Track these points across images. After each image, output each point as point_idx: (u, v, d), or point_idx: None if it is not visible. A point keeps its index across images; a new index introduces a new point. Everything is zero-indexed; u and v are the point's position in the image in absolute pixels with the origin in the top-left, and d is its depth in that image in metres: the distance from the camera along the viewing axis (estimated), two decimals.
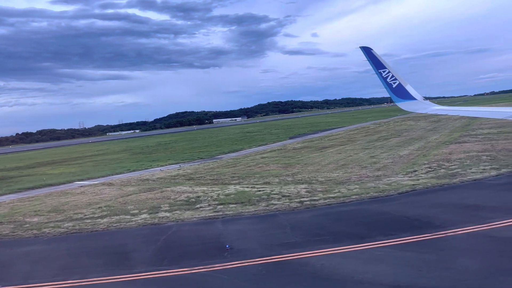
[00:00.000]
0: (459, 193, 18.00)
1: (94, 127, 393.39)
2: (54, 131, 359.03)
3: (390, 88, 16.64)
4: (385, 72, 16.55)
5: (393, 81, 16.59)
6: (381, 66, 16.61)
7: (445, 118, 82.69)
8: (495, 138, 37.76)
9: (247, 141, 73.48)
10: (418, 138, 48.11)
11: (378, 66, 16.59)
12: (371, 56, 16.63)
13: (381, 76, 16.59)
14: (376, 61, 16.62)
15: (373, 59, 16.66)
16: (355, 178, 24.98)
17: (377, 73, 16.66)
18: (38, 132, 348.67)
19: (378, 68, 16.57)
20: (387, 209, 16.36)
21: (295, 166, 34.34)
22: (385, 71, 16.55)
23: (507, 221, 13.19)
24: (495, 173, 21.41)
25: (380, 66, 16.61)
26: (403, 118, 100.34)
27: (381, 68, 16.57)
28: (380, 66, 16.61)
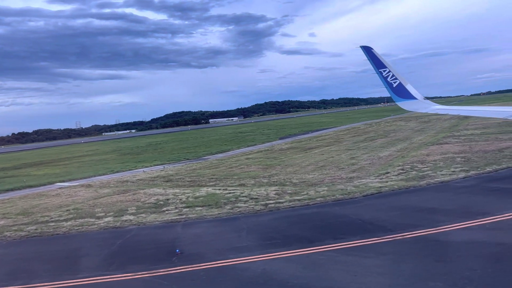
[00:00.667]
0: (421, 196, 18.02)
1: (91, 127, 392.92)
2: (50, 131, 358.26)
3: (391, 87, 16.63)
4: (386, 72, 16.52)
5: (393, 81, 16.57)
6: (381, 66, 16.58)
7: (435, 119, 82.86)
8: (476, 139, 37.85)
9: (237, 142, 73.46)
10: (403, 139, 48.19)
11: (379, 66, 16.56)
12: (371, 56, 16.60)
13: (382, 76, 16.58)
14: (376, 61, 16.59)
15: (373, 58, 16.64)
16: (328, 180, 24.99)
17: (378, 73, 16.64)
18: (34, 132, 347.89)
19: (378, 68, 16.55)
20: (346, 212, 16.37)
21: (275, 167, 34.34)
22: (386, 70, 16.52)
23: (456, 225, 13.21)
24: (463, 175, 21.45)
25: (380, 65, 16.58)
26: (395, 118, 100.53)
27: (382, 68, 16.54)
28: (380, 65, 16.58)
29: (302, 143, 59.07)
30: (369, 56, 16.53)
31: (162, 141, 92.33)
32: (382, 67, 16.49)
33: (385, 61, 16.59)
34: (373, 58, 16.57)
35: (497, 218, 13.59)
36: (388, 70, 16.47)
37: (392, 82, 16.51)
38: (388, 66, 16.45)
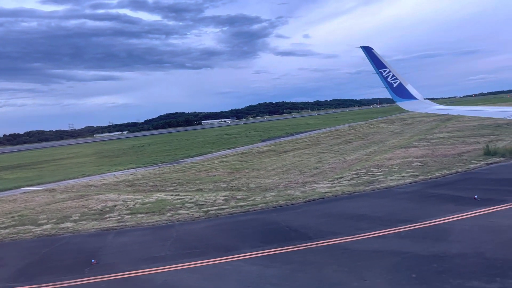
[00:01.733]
0: (358, 202, 18.02)
1: (84, 128, 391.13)
2: (42, 132, 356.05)
3: (391, 87, 16.55)
4: (386, 72, 16.42)
5: (393, 81, 16.48)
6: (381, 66, 16.48)
7: (418, 121, 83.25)
8: (444, 143, 38.03)
9: (219, 144, 73.33)
10: (377, 141, 48.31)
11: (379, 66, 16.46)
12: (371, 56, 16.51)
13: (382, 76, 16.49)
14: (376, 61, 16.48)
15: (373, 58, 16.54)
16: (284, 184, 24.96)
17: (378, 73, 16.55)
18: (26, 134, 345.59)
19: (378, 68, 16.46)
20: (280, 218, 16.34)
21: (242, 171, 34.28)
22: (386, 70, 16.43)
23: (374, 233, 13.21)
24: (410, 181, 21.50)
25: (380, 65, 16.49)
26: (380, 120, 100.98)
27: (382, 68, 16.44)
28: (380, 65, 16.49)
29: (280, 146, 59.08)
30: (369, 56, 16.48)
31: (146, 143, 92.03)
32: (382, 67, 16.43)
33: (385, 61, 16.54)
34: (373, 58, 16.51)
35: (416, 225, 13.62)
36: (388, 70, 16.41)
37: (392, 82, 16.48)
38: (388, 66, 16.40)
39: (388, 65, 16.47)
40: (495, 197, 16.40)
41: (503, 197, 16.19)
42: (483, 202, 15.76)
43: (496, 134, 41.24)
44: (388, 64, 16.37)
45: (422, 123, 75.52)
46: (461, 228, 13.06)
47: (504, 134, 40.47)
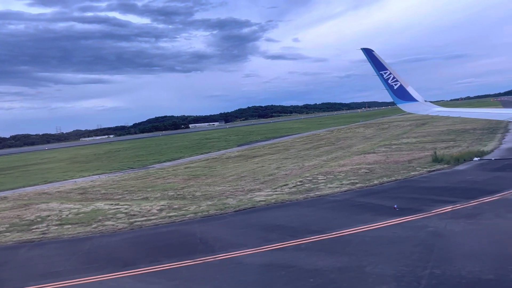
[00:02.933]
0: (285, 211, 17.88)
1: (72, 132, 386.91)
2: (28, 136, 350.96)
3: (391, 89, 16.39)
4: (386, 74, 16.26)
5: (394, 83, 16.31)
6: (382, 68, 16.33)
7: (395, 125, 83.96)
8: (403, 149, 38.24)
9: (195, 149, 72.94)
10: (345, 147, 48.42)
11: (379, 68, 16.30)
12: (372, 58, 16.35)
13: (382, 78, 16.32)
14: (377, 63, 16.33)
15: (374, 60, 16.38)
16: (229, 192, 24.77)
17: (378, 75, 16.38)
18: (11, 137, 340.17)
19: (379, 70, 16.31)
20: (198, 230, 16.12)
21: (199, 178, 34.02)
22: (386, 72, 16.28)
23: (278, 245, 13.06)
24: (346, 189, 21.47)
25: (381, 67, 16.34)
26: (360, 124, 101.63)
27: (382, 70, 16.28)
28: (381, 67, 16.34)
29: (252, 151, 58.94)
30: (370, 58, 16.33)
31: (124, 148, 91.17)
32: (383, 69, 16.29)
33: (386, 63, 16.40)
34: (374, 60, 16.37)
35: (323, 237, 13.51)
36: (389, 72, 16.26)
37: (393, 84, 16.33)
38: (389, 68, 16.27)
39: (389, 67, 16.43)
40: (414, 206, 16.41)
41: (422, 207, 16.21)
42: (400, 212, 15.76)
43: (458, 140, 41.63)
44: (388, 66, 16.30)
45: (397, 127, 76.08)
46: (362, 239, 12.99)
47: (464, 140, 40.87)
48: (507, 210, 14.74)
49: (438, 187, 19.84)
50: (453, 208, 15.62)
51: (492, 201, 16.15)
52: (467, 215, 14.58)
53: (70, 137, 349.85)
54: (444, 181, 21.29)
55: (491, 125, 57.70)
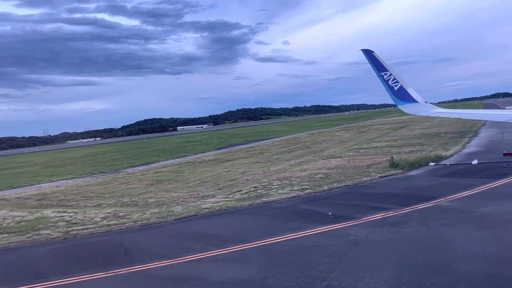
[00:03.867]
0: (222, 219, 17.69)
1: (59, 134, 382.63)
2: (14, 139, 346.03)
3: (392, 90, 16.23)
4: (387, 75, 16.10)
5: (394, 84, 16.16)
6: (382, 69, 16.12)
7: (374, 128, 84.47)
8: (370, 153, 38.38)
9: (173, 152, 72.47)
10: (317, 151, 48.48)
11: (380, 69, 16.11)
12: (372, 59, 16.12)
13: (383, 79, 16.15)
14: (377, 64, 16.11)
15: (374, 61, 16.15)
16: (182, 199, 24.49)
17: (379, 76, 16.20)
18: None
19: (379, 71, 16.12)
20: (129, 240, 15.81)
21: (162, 184, 33.67)
22: (387, 73, 16.08)
23: (196, 256, 12.85)
24: (294, 195, 21.39)
25: (381, 68, 16.13)
26: (341, 128, 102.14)
27: (383, 71, 16.09)
28: (381, 68, 16.13)
29: (228, 154, 58.73)
30: (370, 59, 16.10)
31: (103, 152, 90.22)
32: (383, 70, 16.08)
33: (387, 65, 16.11)
34: (374, 61, 16.14)
35: (244, 246, 13.33)
36: (389, 73, 16.06)
37: (393, 85, 16.16)
38: (389, 69, 16.03)
39: (389, 68, 16.26)
40: (348, 213, 16.37)
41: (356, 214, 16.18)
42: (333, 219, 15.69)
43: (425, 144, 41.93)
44: (389, 67, 16.20)
45: (376, 131, 76.51)
46: (281, 249, 12.86)
47: (431, 144, 41.16)
48: (434, 218, 14.76)
49: (382, 193, 19.85)
50: (384, 215, 15.61)
51: (424, 208, 16.18)
52: (393, 223, 14.57)
53: (57, 139, 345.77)
54: (390, 187, 21.33)
55: (464, 129, 58.38)
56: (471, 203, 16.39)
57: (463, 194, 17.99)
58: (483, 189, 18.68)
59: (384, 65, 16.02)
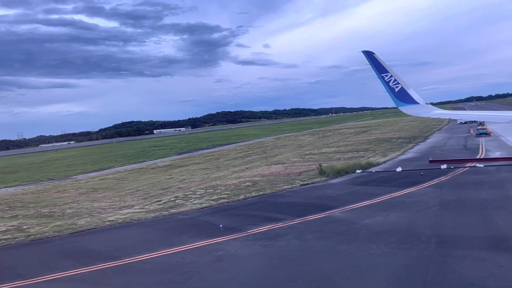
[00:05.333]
0: (118, 233, 17.12)
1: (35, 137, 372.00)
2: None
3: (393, 92, 16.15)
4: (388, 76, 16.03)
5: (395, 85, 16.09)
6: (383, 70, 16.06)
7: (338, 133, 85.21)
8: (313, 159, 38.41)
9: (134, 157, 71.15)
10: (270, 156, 48.34)
11: (380, 70, 16.06)
12: (373, 60, 16.10)
13: (383, 80, 16.10)
14: (378, 65, 16.06)
15: (375, 63, 16.12)
16: (99, 210, 23.65)
17: (380, 77, 16.16)
18: None
19: (380, 72, 16.07)
20: (2, 258, 15.15)
21: (97, 192, 32.79)
22: (388, 75, 16.03)
23: (55, 275, 12.30)
24: (206, 205, 21.01)
25: (382, 70, 16.06)
26: (308, 132, 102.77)
27: (384, 72, 16.05)
28: (382, 70, 16.06)
29: (184, 160, 58.03)
30: (371, 60, 16.14)
31: (64, 157, 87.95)
32: (384, 71, 16.08)
33: (387, 66, 16.18)
34: (375, 62, 16.14)
35: (111, 264, 12.87)
36: (390, 75, 16.06)
37: (394, 87, 16.13)
38: (390, 71, 16.06)
39: (390, 70, 16.10)
40: (239, 225, 16.10)
41: (246, 226, 15.93)
42: (220, 232, 15.38)
43: (371, 149, 42.35)
44: (390, 68, 16.12)
45: (337, 135, 77.15)
46: (143, 267, 12.43)
47: (376, 149, 41.56)
48: (314, 230, 14.65)
49: (288, 203, 19.72)
50: (271, 227, 15.42)
51: (313, 220, 16.08)
52: (273, 236, 14.37)
53: (32, 143, 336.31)
54: (302, 196, 21.23)
55: (419, 133, 59.41)
56: (361, 214, 16.40)
57: (362, 204, 18.02)
58: (385, 198, 18.77)
59: (385, 66, 16.21)
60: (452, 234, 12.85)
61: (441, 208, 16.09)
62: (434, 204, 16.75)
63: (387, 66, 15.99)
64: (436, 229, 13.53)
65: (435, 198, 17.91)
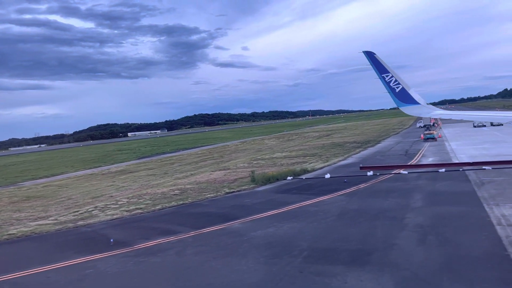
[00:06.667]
0: (4, 249, 16.40)
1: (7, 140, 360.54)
2: None
3: (393, 92, 16.01)
4: (388, 77, 15.89)
5: (396, 86, 15.95)
6: (384, 71, 15.88)
7: (303, 137, 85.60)
8: (258, 164, 38.20)
9: (92, 162, 69.26)
10: (224, 161, 47.79)
11: (381, 71, 15.89)
12: (374, 61, 15.94)
13: (384, 81, 15.95)
14: (379, 66, 15.87)
15: (376, 63, 15.92)
16: (13, 221, 22.61)
17: (380, 78, 16.01)
18: None
19: (381, 73, 15.91)
20: None
21: (31, 200, 31.50)
22: (388, 75, 15.88)
23: None
24: (118, 216, 20.38)
25: (383, 70, 15.89)
26: (274, 136, 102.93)
27: (384, 73, 15.89)
28: (383, 70, 15.89)
29: (139, 165, 56.83)
30: (372, 61, 16.00)
31: (23, 161, 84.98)
32: (384, 72, 15.91)
33: (388, 67, 15.96)
34: (376, 63, 15.97)
35: None
36: (391, 75, 15.91)
37: (395, 87, 16.01)
38: (391, 71, 15.90)
39: (391, 70, 15.95)
40: (132, 240, 15.59)
41: (138, 240, 15.44)
42: (108, 247, 14.81)
43: (320, 154, 42.46)
44: (391, 69, 15.98)
45: (301, 139, 77.45)
46: None
47: (324, 154, 41.78)
48: (199, 244, 14.29)
49: (199, 214, 19.32)
50: (161, 241, 14.97)
51: (207, 232, 15.72)
52: (155, 251, 13.93)
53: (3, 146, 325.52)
54: (219, 205, 20.87)
55: (373, 138, 60.22)
56: (258, 224, 16.15)
57: (268, 214, 17.81)
58: (293, 207, 18.61)
59: (386, 67, 16.11)
60: (326, 247, 12.74)
61: (336, 219, 16.04)
62: (333, 214, 16.69)
63: (388, 66, 16.16)
64: (315, 241, 13.40)
65: (339, 207, 17.88)
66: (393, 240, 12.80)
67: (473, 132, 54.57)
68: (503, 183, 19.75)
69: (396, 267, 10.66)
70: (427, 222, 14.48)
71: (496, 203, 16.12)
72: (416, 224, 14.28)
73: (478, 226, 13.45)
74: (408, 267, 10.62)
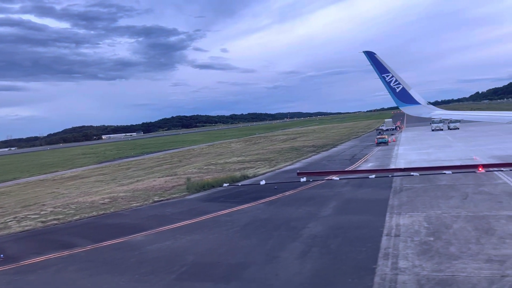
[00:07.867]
0: None
1: None
2: None
3: (394, 92, 16.02)
4: (389, 77, 15.88)
5: (396, 86, 15.95)
6: (384, 71, 15.85)
7: (269, 140, 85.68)
8: (208, 170, 37.81)
9: (50, 167, 67.22)
10: (180, 166, 47.09)
11: (382, 71, 15.88)
12: (374, 61, 15.91)
13: (385, 81, 15.95)
14: (379, 66, 15.84)
15: (376, 63, 15.87)
16: None
17: (381, 78, 16.01)
18: None
19: (381, 73, 15.89)
20: None
21: None
22: (389, 75, 15.87)
23: None
24: (30, 228, 19.63)
25: (383, 70, 15.85)
26: (242, 139, 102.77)
27: (385, 73, 15.88)
28: (383, 70, 15.85)
29: (95, 170, 55.36)
30: (372, 61, 15.96)
31: None
32: (385, 72, 15.89)
33: (388, 66, 15.88)
34: (376, 63, 15.91)
35: None
36: (391, 75, 15.88)
37: (395, 87, 16.00)
38: (391, 71, 15.85)
39: (391, 70, 15.85)
40: (23, 255, 14.92)
41: (30, 255, 14.78)
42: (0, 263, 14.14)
43: (273, 159, 42.32)
44: (391, 69, 15.89)
45: (266, 142, 77.33)
46: None
47: (273, 160, 41.57)
48: (87, 260, 13.79)
49: (111, 225, 18.77)
50: (52, 256, 14.39)
51: (103, 246, 15.22)
52: (39, 267, 13.34)
53: None
54: (137, 216, 20.30)
55: (332, 142, 60.63)
56: (160, 237, 15.74)
57: (179, 225, 17.43)
58: (208, 217, 18.29)
59: (386, 67, 16.00)
60: (209, 261, 12.45)
61: (240, 230, 15.80)
62: (239, 225, 16.46)
63: (389, 66, 16.21)
64: (202, 255, 13.11)
65: (250, 217, 17.68)
66: (277, 253, 12.64)
67: (428, 136, 55.81)
68: (419, 191, 20.01)
69: (262, 282, 10.46)
70: (323, 232, 14.42)
71: (399, 212, 16.26)
72: (310, 235, 14.19)
73: (367, 237, 13.45)
74: (272, 282, 10.44)
